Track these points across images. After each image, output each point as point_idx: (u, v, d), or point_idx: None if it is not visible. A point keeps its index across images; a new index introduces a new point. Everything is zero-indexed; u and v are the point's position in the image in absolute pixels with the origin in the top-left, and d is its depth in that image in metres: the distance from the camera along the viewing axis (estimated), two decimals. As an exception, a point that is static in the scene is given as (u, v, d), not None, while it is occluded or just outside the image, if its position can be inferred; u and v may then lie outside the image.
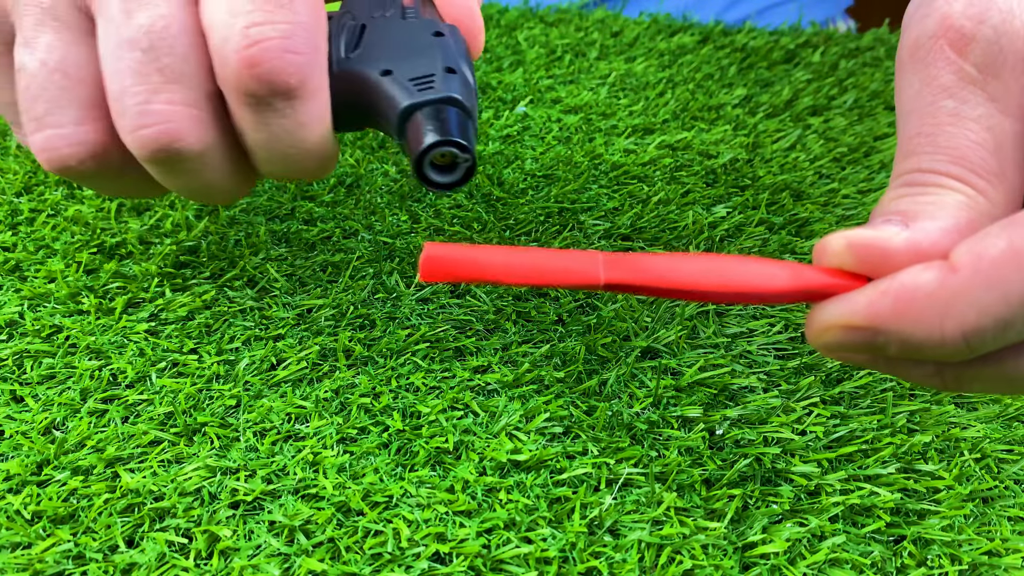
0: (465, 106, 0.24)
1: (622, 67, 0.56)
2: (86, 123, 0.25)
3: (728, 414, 0.30)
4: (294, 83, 0.23)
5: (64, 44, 0.25)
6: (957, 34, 0.21)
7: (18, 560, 0.24)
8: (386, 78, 0.25)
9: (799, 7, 0.72)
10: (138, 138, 0.24)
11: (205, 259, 0.36)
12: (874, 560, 0.26)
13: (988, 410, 0.31)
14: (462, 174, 0.24)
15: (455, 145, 0.23)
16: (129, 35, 0.23)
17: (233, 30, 0.23)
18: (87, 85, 0.25)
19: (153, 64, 0.23)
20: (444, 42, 0.27)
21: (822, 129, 0.50)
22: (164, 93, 0.24)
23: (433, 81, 0.25)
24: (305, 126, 0.25)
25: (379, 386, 0.30)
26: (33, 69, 0.25)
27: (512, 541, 0.25)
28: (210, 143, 0.25)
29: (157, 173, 0.26)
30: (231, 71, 0.23)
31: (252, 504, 0.26)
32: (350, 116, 0.27)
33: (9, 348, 0.31)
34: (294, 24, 0.23)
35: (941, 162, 0.21)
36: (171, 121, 0.24)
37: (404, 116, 0.24)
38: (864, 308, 0.19)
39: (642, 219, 0.40)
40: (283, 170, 0.26)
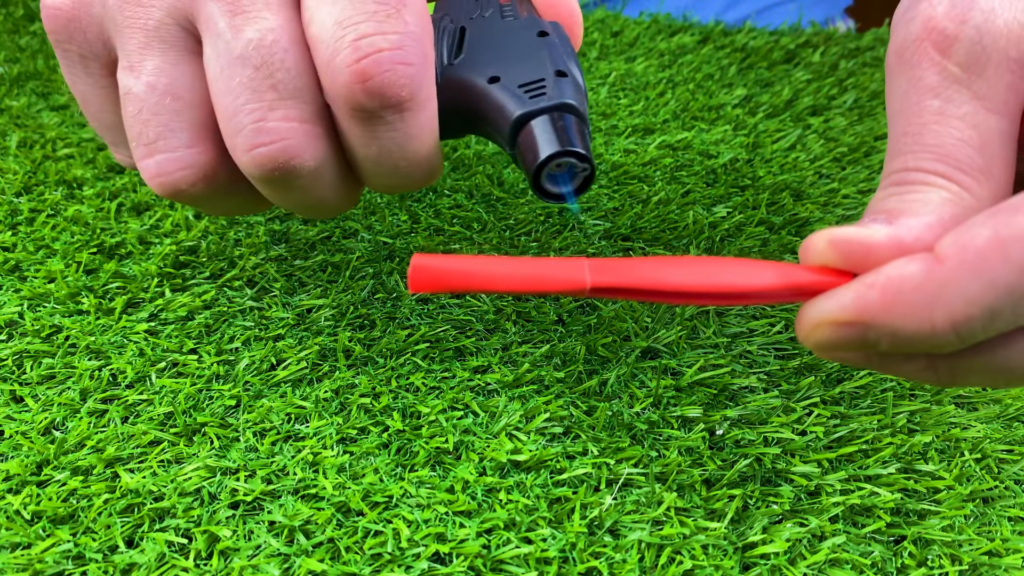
0: (579, 111, 0.23)
1: (622, 67, 0.56)
2: (197, 145, 0.25)
3: (728, 414, 0.30)
4: (405, 95, 0.23)
5: (172, 66, 0.24)
6: (940, 35, 0.21)
7: (18, 560, 0.24)
8: (494, 85, 0.24)
9: (799, 7, 0.72)
10: (254, 157, 0.23)
11: (205, 259, 0.36)
12: (874, 560, 0.26)
13: (988, 410, 0.31)
14: (581, 182, 0.23)
15: (574, 155, 0.22)
16: (240, 51, 0.23)
17: (343, 42, 0.22)
18: (196, 106, 0.25)
19: (267, 81, 0.23)
20: (550, 42, 0.25)
21: (822, 129, 0.50)
22: (280, 110, 0.23)
23: (544, 87, 0.23)
24: (414, 138, 0.24)
25: (379, 386, 0.30)
26: (142, 93, 0.24)
27: (512, 541, 0.25)
28: (324, 159, 0.24)
29: (268, 191, 0.25)
30: (341, 85, 0.22)
31: (252, 504, 0.26)
32: (455, 124, 0.26)
33: (9, 348, 0.31)
34: (404, 34, 0.22)
35: (927, 160, 0.21)
36: (288, 139, 0.23)
37: (517, 126, 0.23)
38: (851, 303, 0.19)
39: (642, 219, 0.40)
40: (391, 182, 0.26)
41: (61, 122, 0.47)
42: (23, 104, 0.48)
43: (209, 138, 0.25)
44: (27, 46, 0.55)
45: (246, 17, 0.23)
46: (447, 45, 0.26)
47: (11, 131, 0.45)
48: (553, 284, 0.21)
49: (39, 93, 0.50)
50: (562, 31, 0.27)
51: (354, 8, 0.22)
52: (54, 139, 0.45)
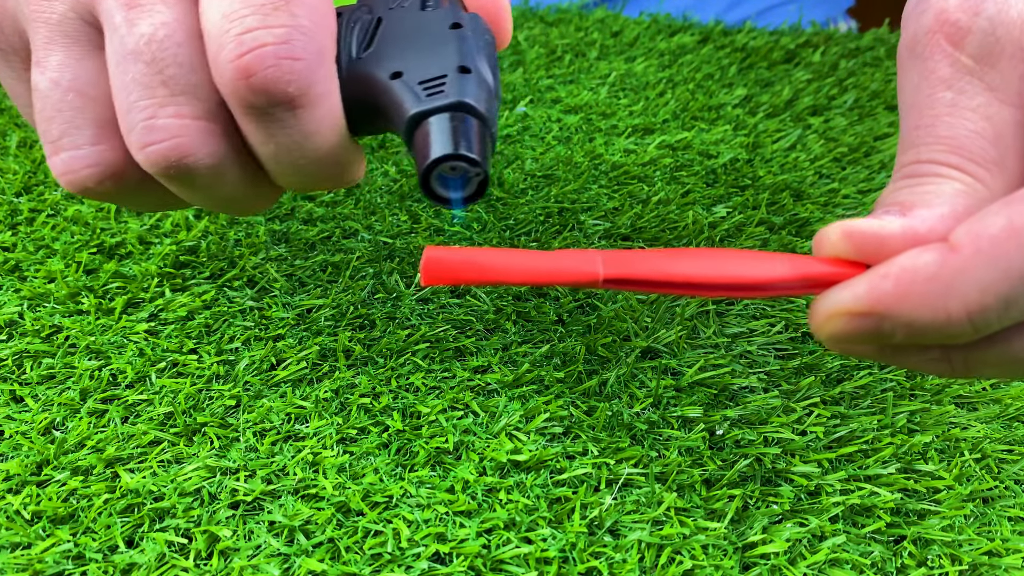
0: (479, 112, 0.22)
1: (622, 67, 0.56)
2: (102, 142, 0.24)
3: (728, 414, 0.30)
4: (293, 91, 0.22)
5: (75, 61, 0.24)
6: (953, 27, 0.21)
7: (18, 560, 0.24)
8: (395, 81, 0.23)
9: (800, 8, 0.72)
10: (147, 155, 0.23)
11: (205, 259, 0.36)
12: (874, 560, 0.26)
13: (988, 410, 0.31)
14: (474, 189, 0.22)
15: (464, 159, 0.21)
16: (132, 46, 0.22)
17: (227, 37, 0.21)
18: (101, 102, 0.24)
19: (157, 76, 0.22)
20: (461, 35, 0.24)
21: (822, 129, 0.50)
22: (171, 107, 0.23)
23: (444, 83, 0.22)
24: (313, 135, 0.23)
25: (379, 386, 0.30)
26: (46, 89, 0.24)
27: (512, 541, 0.25)
28: (222, 156, 0.24)
29: (174, 188, 0.25)
30: (227, 81, 0.22)
31: (252, 504, 0.26)
32: (366, 119, 0.25)
33: (9, 348, 0.31)
34: (292, 27, 0.22)
35: (940, 152, 0.21)
36: (180, 136, 0.23)
37: (412, 124, 0.22)
38: (866, 293, 0.19)
39: (642, 219, 0.40)
40: (299, 180, 0.25)
41: (61, 122, 0.47)
42: (23, 104, 0.48)
43: (115, 134, 0.24)
44: (27, 46, 0.55)
45: (140, 11, 0.22)
46: (358, 38, 0.25)
47: (11, 131, 0.45)
48: (566, 276, 0.21)
49: (39, 93, 0.50)
50: (481, 23, 0.25)
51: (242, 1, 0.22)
52: (54, 139, 0.45)
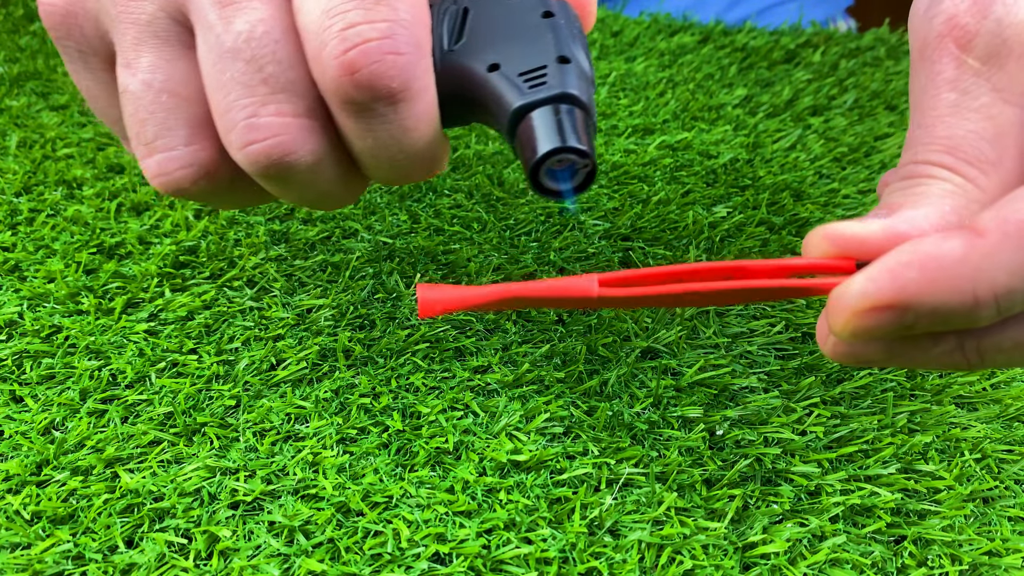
0: (582, 102, 0.22)
1: (622, 67, 0.56)
2: (196, 142, 0.24)
3: (728, 414, 0.30)
4: (396, 86, 0.22)
5: (166, 62, 0.24)
6: (962, 31, 0.22)
7: (18, 560, 0.24)
8: (494, 74, 0.22)
9: (799, 8, 0.72)
10: (248, 154, 0.23)
11: (204, 259, 0.36)
12: (874, 560, 0.26)
13: (988, 410, 0.31)
14: (582, 179, 0.22)
15: (573, 151, 0.21)
16: (230, 44, 0.22)
17: (330, 33, 0.21)
18: (193, 102, 0.24)
19: (257, 74, 0.22)
20: (555, 24, 0.24)
21: (822, 129, 0.50)
22: (272, 104, 0.22)
23: (545, 75, 0.22)
24: (411, 130, 0.23)
25: (379, 386, 0.30)
26: (138, 91, 0.24)
27: (512, 541, 0.25)
28: (321, 153, 0.24)
29: (269, 186, 0.25)
30: (330, 78, 0.21)
31: (252, 504, 0.26)
32: (458, 112, 0.24)
33: (8, 348, 0.31)
34: (394, 22, 0.21)
35: (934, 152, 0.21)
36: (281, 134, 0.23)
37: (515, 118, 0.22)
38: (890, 284, 0.18)
39: (642, 219, 0.40)
40: (392, 174, 0.25)
41: (61, 122, 0.47)
42: (23, 104, 0.48)
43: (209, 134, 0.24)
44: (27, 46, 0.55)
45: (236, 8, 0.22)
46: (448, 29, 0.24)
47: (11, 131, 0.45)
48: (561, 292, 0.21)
49: (39, 93, 0.50)
50: (570, 11, 0.25)
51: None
52: (54, 139, 0.45)
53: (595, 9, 0.27)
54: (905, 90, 0.55)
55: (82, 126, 0.46)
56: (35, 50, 0.55)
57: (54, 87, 0.50)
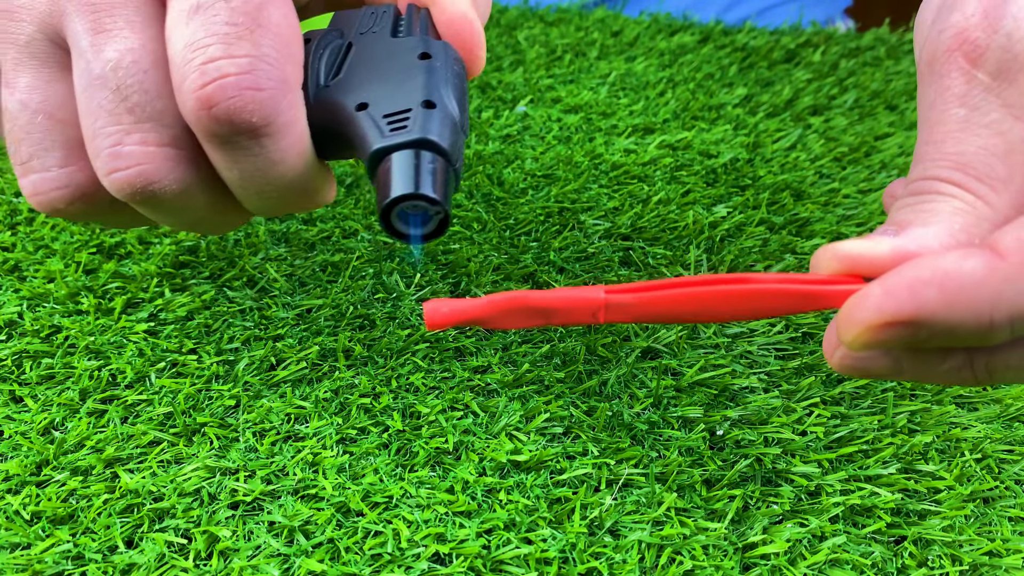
0: (442, 148, 0.22)
1: (622, 67, 0.56)
2: (71, 163, 0.24)
3: (728, 414, 0.30)
4: (257, 121, 0.22)
5: (44, 83, 0.24)
6: (972, 46, 0.21)
7: (17, 560, 0.24)
8: (361, 113, 0.23)
9: (799, 8, 0.72)
10: (113, 181, 0.23)
11: (204, 259, 0.36)
12: (875, 560, 0.26)
13: (989, 410, 0.31)
14: (434, 226, 0.22)
15: (423, 199, 0.21)
16: (98, 71, 0.22)
17: (191, 66, 0.21)
18: (69, 125, 0.24)
19: (123, 103, 0.22)
20: (430, 66, 0.24)
21: (822, 129, 0.50)
22: (136, 134, 0.23)
23: (408, 119, 0.22)
24: (278, 163, 0.23)
25: (379, 386, 0.30)
26: (15, 111, 0.24)
27: (512, 542, 0.25)
28: (188, 182, 0.24)
29: (142, 211, 0.25)
30: (189, 110, 0.22)
31: (251, 504, 0.26)
32: (335, 146, 0.24)
33: (8, 348, 0.31)
34: (255, 57, 0.21)
35: (944, 169, 0.21)
36: (144, 163, 0.23)
37: (374, 160, 0.22)
38: (909, 301, 0.18)
39: (642, 219, 0.40)
40: (265, 205, 0.25)
41: (61, 122, 0.47)
42: (23, 104, 0.48)
43: (84, 156, 0.24)
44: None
45: (107, 36, 0.22)
46: (327, 64, 0.24)
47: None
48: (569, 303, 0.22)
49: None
50: (451, 52, 0.25)
51: (205, 29, 0.21)
52: (54, 139, 0.45)
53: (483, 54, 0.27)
54: (905, 90, 0.55)
55: (82, 126, 0.46)
56: (35, 50, 0.55)
57: (54, 87, 0.50)
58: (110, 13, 0.23)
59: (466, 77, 0.26)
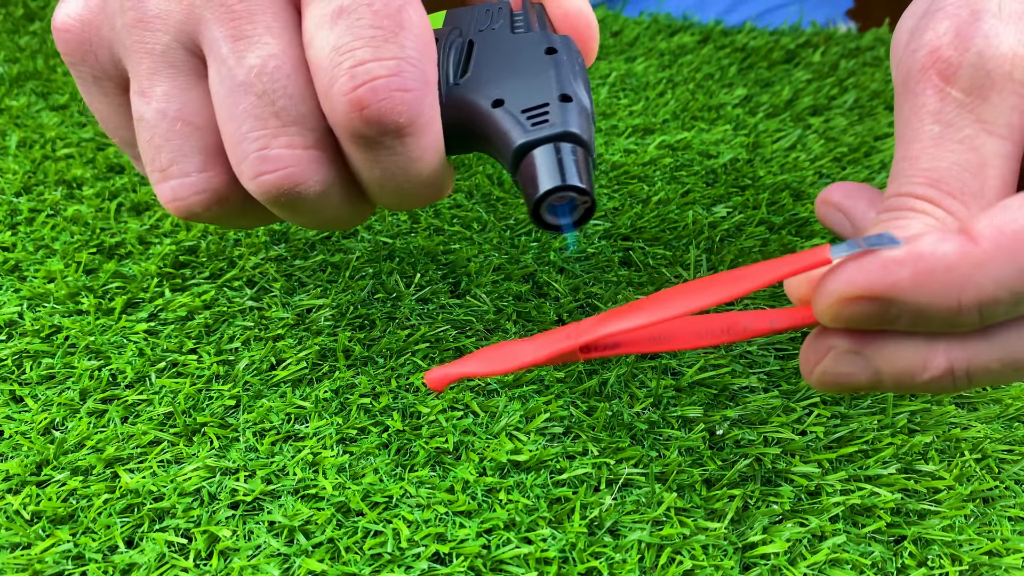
0: (583, 140, 0.23)
1: (622, 67, 0.56)
2: (210, 169, 0.25)
3: (728, 414, 0.30)
4: (404, 121, 0.22)
5: (180, 91, 0.24)
6: (944, 64, 0.22)
7: (17, 560, 0.24)
8: (498, 110, 0.23)
9: (799, 10, 0.72)
10: (259, 184, 0.23)
11: (204, 259, 0.36)
12: (874, 560, 0.26)
13: (989, 410, 0.31)
14: (580, 215, 0.23)
15: (573, 189, 0.22)
16: (242, 77, 0.23)
17: (340, 70, 0.22)
18: (206, 130, 0.25)
19: (269, 108, 0.23)
20: (557, 60, 0.24)
21: (822, 129, 0.50)
22: (283, 137, 0.23)
23: (548, 113, 0.23)
24: (418, 161, 0.24)
25: (379, 386, 0.30)
26: (152, 119, 0.24)
27: (512, 541, 0.25)
28: (330, 183, 0.24)
29: (278, 212, 0.25)
30: (340, 113, 0.22)
31: (252, 504, 0.26)
32: (463, 142, 0.25)
33: (8, 348, 0.31)
34: (402, 59, 0.22)
35: (917, 185, 0.22)
36: (292, 166, 0.23)
37: (518, 155, 0.23)
38: (880, 278, 0.19)
39: (642, 219, 0.40)
40: (398, 201, 0.26)
41: (61, 122, 0.47)
42: (23, 104, 0.48)
43: (221, 161, 0.25)
44: (27, 46, 0.55)
45: (248, 42, 0.23)
46: (454, 62, 0.25)
47: (11, 131, 0.45)
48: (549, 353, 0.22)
49: (39, 93, 0.50)
50: (573, 46, 0.26)
51: (351, 33, 0.22)
52: (54, 139, 0.45)
53: (597, 44, 0.28)
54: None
55: (82, 126, 0.46)
56: (35, 50, 0.55)
57: (54, 87, 0.50)
58: (250, 20, 0.23)
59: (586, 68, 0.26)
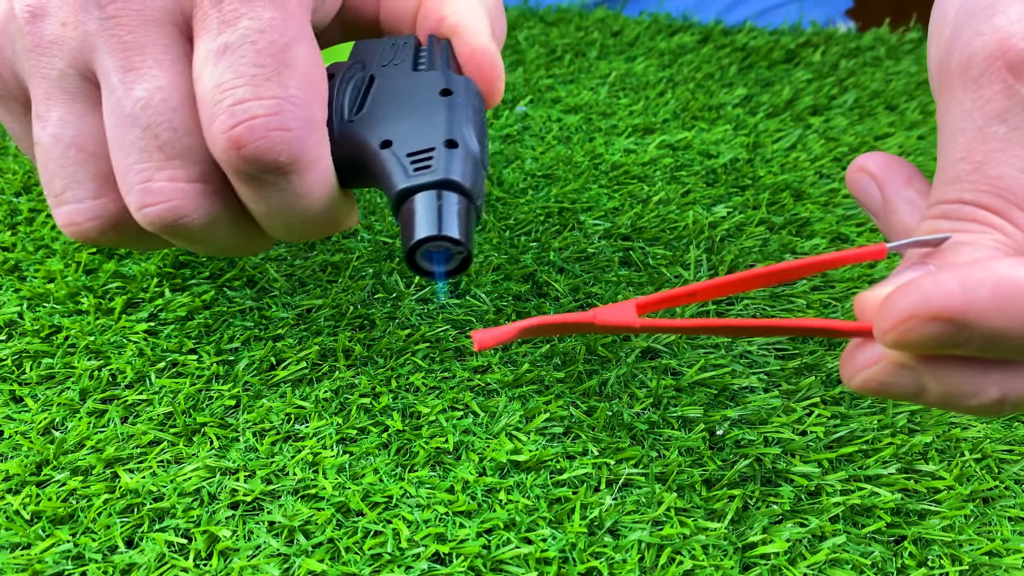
0: (463, 188, 0.22)
1: (622, 67, 0.56)
2: (103, 195, 0.25)
3: (728, 414, 0.30)
4: (284, 160, 0.22)
5: (75, 117, 0.24)
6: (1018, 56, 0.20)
7: (17, 560, 0.24)
8: (385, 151, 0.23)
9: (799, 10, 0.72)
10: (144, 215, 0.24)
11: (204, 259, 0.36)
12: (874, 560, 0.26)
13: (989, 410, 0.31)
14: (456, 264, 0.23)
15: (447, 239, 0.22)
16: (129, 109, 0.23)
17: (220, 107, 0.22)
18: (100, 157, 0.25)
19: (153, 141, 0.23)
20: (451, 103, 0.24)
21: (822, 129, 0.50)
22: (166, 171, 0.23)
23: (431, 159, 0.23)
24: (304, 197, 0.24)
25: (379, 386, 0.30)
26: (47, 144, 0.24)
27: (512, 541, 0.25)
28: (216, 215, 0.24)
29: (172, 240, 0.26)
30: (219, 150, 0.22)
31: (252, 504, 0.26)
32: (358, 178, 0.25)
33: (8, 348, 0.31)
34: (282, 99, 0.22)
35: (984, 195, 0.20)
36: (174, 199, 0.23)
37: (398, 200, 0.22)
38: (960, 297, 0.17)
39: (642, 219, 0.40)
40: (290, 234, 0.26)
41: (61, 122, 0.47)
42: (23, 104, 0.48)
43: (115, 187, 0.25)
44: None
45: (136, 74, 0.23)
46: (350, 98, 0.25)
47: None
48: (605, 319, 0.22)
49: (39, 93, 0.50)
50: (472, 88, 0.26)
51: (233, 71, 0.22)
52: (54, 139, 0.45)
53: (502, 86, 0.28)
54: (905, 90, 0.55)
55: (82, 126, 0.46)
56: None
57: (54, 87, 0.50)
58: (140, 52, 0.23)
59: (484, 111, 0.26)
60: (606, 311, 0.22)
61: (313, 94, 0.23)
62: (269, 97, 0.22)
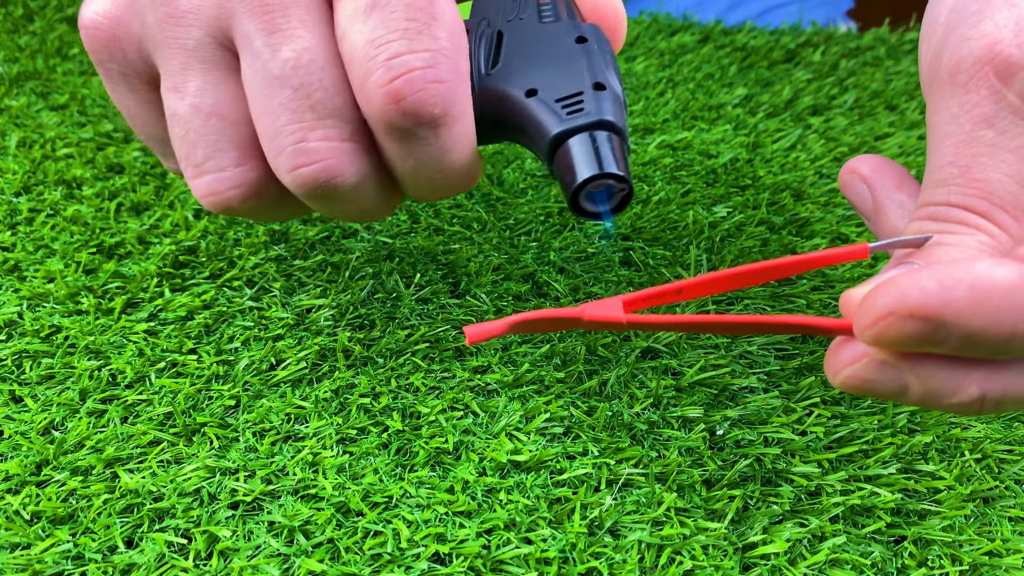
0: (618, 127, 0.23)
1: (622, 67, 0.56)
2: (245, 163, 0.25)
3: (728, 414, 0.30)
4: (439, 112, 0.22)
5: (214, 86, 0.24)
6: (1004, 62, 0.20)
7: (17, 560, 0.24)
8: (531, 99, 0.23)
9: (800, 10, 0.72)
10: (296, 177, 0.24)
11: (204, 259, 0.36)
12: (874, 560, 0.26)
13: (989, 410, 0.31)
14: (618, 202, 0.23)
15: (611, 176, 0.22)
16: (277, 71, 0.23)
17: (375, 62, 0.22)
18: (240, 124, 0.25)
19: (305, 101, 0.23)
20: (588, 49, 0.25)
21: (823, 129, 0.50)
22: (319, 130, 0.23)
23: (582, 102, 0.23)
24: (450, 151, 0.24)
25: (379, 386, 0.30)
26: (187, 115, 0.24)
27: (512, 542, 0.25)
28: (365, 174, 0.24)
29: (313, 204, 0.25)
30: (375, 106, 0.22)
31: (251, 504, 0.26)
32: (493, 132, 0.25)
33: (8, 348, 0.31)
34: (436, 51, 0.22)
35: (971, 198, 0.21)
36: (329, 158, 0.23)
37: (554, 144, 0.23)
38: (937, 297, 0.18)
39: (642, 219, 0.40)
40: (430, 192, 0.26)
41: (60, 122, 0.47)
42: (23, 104, 0.48)
43: (256, 155, 0.25)
44: (26, 46, 0.55)
45: (282, 36, 0.23)
46: (484, 53, 0.25)
47: (11, 131, 0.45)
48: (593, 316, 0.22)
49: (38, 93, 0.50)
50: (602, 35, 0.26)
51: (385, 26, 0.22)
52: (53, 139, 0.45)
53: (624, 32, 0.28)
54: (905, 90, 0.55)
55: (82, 126, 0.46)
56: (35, 50, 0.55)
57: (54, 87, 0.50)
58: (283, 13, 0.23)
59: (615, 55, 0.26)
60: (594, 307, 0.22)
61: (460, 46, 0.23)
62: (423, 50, 0.22)
